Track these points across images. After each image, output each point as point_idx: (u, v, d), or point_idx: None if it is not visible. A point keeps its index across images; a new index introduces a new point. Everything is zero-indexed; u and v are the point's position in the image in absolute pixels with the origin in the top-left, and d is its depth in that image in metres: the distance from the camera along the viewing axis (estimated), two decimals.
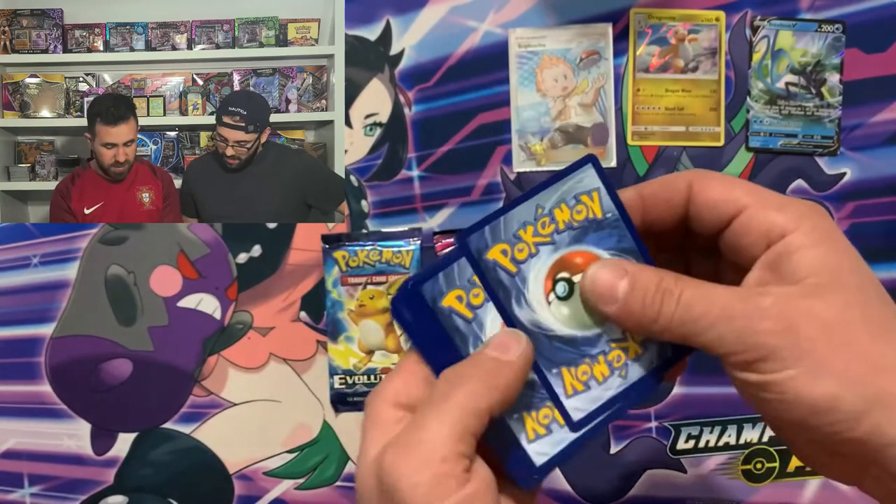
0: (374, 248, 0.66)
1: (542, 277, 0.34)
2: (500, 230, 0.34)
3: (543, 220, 0.34)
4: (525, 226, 0.34)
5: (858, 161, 0.69)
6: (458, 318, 0.33)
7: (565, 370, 0.34)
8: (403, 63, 0.68)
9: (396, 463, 0.29)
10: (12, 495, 0.69)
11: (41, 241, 0.68)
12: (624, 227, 0.36)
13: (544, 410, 0.34)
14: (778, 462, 0.69)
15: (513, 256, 0.34)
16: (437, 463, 0.28)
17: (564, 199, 0.35)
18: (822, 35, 0.68)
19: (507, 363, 0.31)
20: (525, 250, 0.34)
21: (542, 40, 0.68)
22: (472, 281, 0.33)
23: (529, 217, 0.34)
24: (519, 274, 0.34)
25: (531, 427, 0.34)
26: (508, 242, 0.34)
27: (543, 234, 0.35)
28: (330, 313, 0.67)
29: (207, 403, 0.69)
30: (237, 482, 0.69)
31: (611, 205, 0.36)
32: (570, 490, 0.69)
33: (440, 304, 0.32)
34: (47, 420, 0.68)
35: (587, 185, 0.35)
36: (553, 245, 0.35)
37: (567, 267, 0.35)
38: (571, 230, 0.35)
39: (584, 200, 0.35)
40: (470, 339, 0.33)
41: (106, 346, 0.68)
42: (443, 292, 0.32)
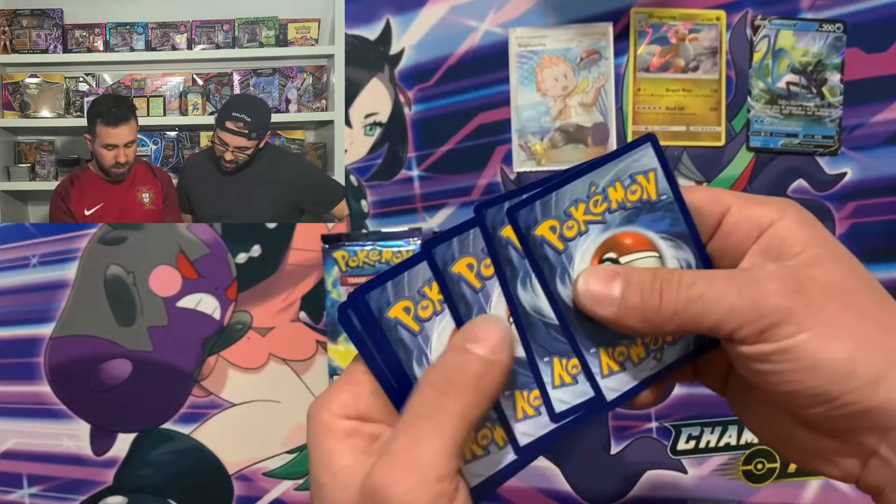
0: (373, 248, 0.66)
1: (590, 257, 0.33)
2: (552, 206, 0.33)
3: (596, 198, 0.33)
4: (577, 203, 0.33)
5: (859, 161, 0.69)
6: (404, 331, 0.31)
7: (602, 351, 0.34)
8: (403, 63, 0.68)
9: (389, 480, 0.28)
10: (11, 496, 0.69)
11: (40, 241, 0.68)
12: (678, 210, 0.34)
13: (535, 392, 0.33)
14: (779, 462, 0.69)
15: (561, 233, 0.33)
16: (434, 482, 0.28)
17: (619, 178, 0.34)
18: (823, 35, 0.68)
19: (496, 363, 0.30)
20: (574, 228, 0.33)
21: (542, 40, 0.68)
22: (421, 292, 0.31)
23: (582, 194, 0.33)
24: (566, 251, 0.33)
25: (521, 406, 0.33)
26: (558, 219, 0.33)
27: (595, 213, 0.34)
28: (330, 313, 0.66)
29: (207, 404, 0.68)
30: (237, 483, 0.69)
31: (666, 187, 0.34)
32: (570, 490, 0.69)
33: (386, 314, 0.31)
34: (46, 420, 0.68)
35: (644, 164, 0.34)
36: (604, 224, 0.34)
37: (616, 247, 0.34)
38: (624, 210, 0.34)
39: (640, 180, 0.34)
40: (414, 353, 0.31)
41: (105, 347, 0.68)
42: (390, 302, 0.31)
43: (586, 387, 0.34)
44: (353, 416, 0.31)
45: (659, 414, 0.69)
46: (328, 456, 0.30)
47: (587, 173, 0.33)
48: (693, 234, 0.35)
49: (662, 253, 0.34)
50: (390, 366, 0.31)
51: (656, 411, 0.69)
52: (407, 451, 0.28)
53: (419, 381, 0.30)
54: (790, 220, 0.33)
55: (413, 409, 0.29)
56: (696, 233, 0.35)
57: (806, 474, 0.69)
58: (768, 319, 0.30)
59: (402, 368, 0.31)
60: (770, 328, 0.30)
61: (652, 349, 0.34)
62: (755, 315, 0.30)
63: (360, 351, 0.31)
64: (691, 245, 0.35)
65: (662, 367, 0.35)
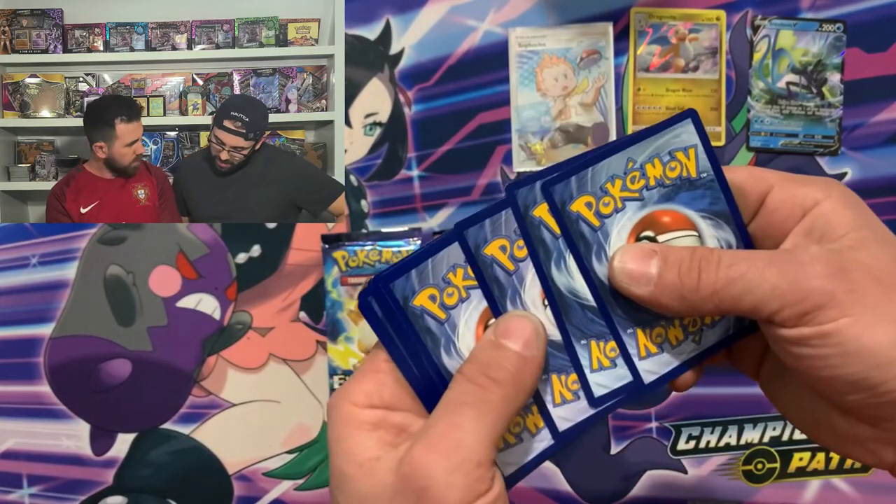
0: (373, 248, 0.66)
1: (626, 234, 0.32)
2: (588, 181, 0.32)
3: (634, 174, 0.33)
4: (613, 179, 0.32)
5: (859, 161, 0.69)
6: (431, 319, 0.31)
7: (639, 331, 0.33)
8: (403, 63, 0.68)
9: (430, 460, 0.28)
10: (11, 496, 0.69)
11: (40, 241, 0.68)
12: (719, 189, 0.33)
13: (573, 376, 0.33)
14: (779, 462, 0.69)
15: (597, 210, 0.32)
16: (473, 466, 0.28)
17: (658, 154, 0.33)
18: (823, 35, 0.68)
19: (531, 359, 0.30)
20: (611, 204, 0.32)
21: (542, 40, 0.68)
22: (446, 279, 0.31)
23: (619, 170, 0.32)
24: (602, 228, 0.32)
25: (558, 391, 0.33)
26: (594, 195, 0.32)
27: (632, 189, 0.33)
28: (329, 313, 0.66)
29: (207, 404, 0.68)
30: (236, 483, 0.69)
31: (707, 164, 0.33)
32: (570, 490, 0.69)
33: (412, 303, 0.30)
34: (46, 420, 0.68)
35: (684, 141, 0.33)
36: (641, 201, 0.33)
37: (653, 226, 0.33)
38: (662, 187, 0.33)
39: (679, 157, 0.33)
40: (441, 342, 0.31)
41: (105, 347, 0.68)
42: (415, 291, 0.30)
43: (625, 370, 0.33)
44: (379, 405, 0.31)
45: (659, 414, 0.69)
46: (354, 447, 0.30)
47: (625, 148, 0.32)
48: (734, 214, 0.34)
49: (702, 232, 0.33)
50: (416, 355, 0.31)
51: (656, 411, 0.69)
52: (447, 434, 0.29)
53: (457, 373, 0.30)
54: (835, 201, 0.32)
55: (453, 397, 0.30)
56: (738, 212, 0.34)
57: (806, 474, 0.69)
58: (810, 302, 0.29)
59: (430, 357, 0.31)
60: (811, 311, 0.29)
61: (690, 331, 0.34)
62: (797, 297, 0.29)
63: (382, 340, 0.31)
64: (732, 225, 0.34)
65: (702, 350, 0.34)
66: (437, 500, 0.28)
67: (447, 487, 0.28)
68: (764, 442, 0.69)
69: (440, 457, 0.28)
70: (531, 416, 0.32)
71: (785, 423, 0.69)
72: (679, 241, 0.33)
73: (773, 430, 0.69)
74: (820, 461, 0.69)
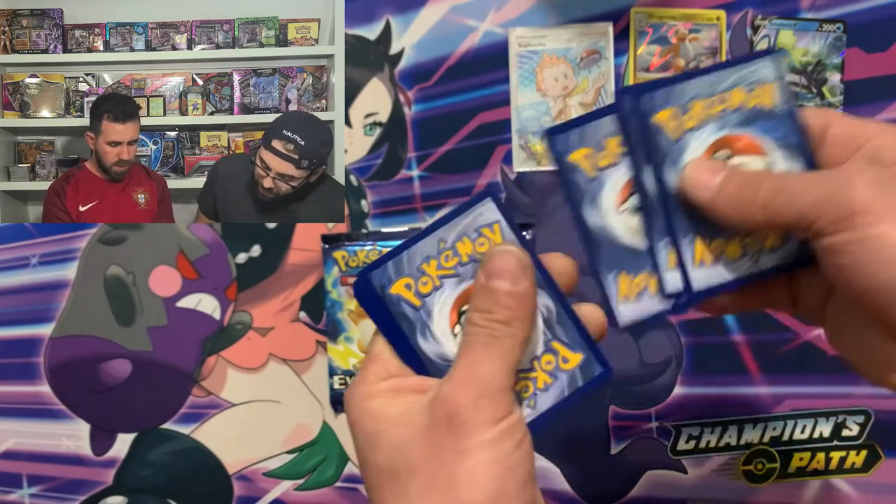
0: (373, 248, 0.66)
1: (703, 149, 0.36)
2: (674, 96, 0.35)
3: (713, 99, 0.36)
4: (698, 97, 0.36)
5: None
6: (406, 306, 0.34)
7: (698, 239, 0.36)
8: (403, 62, 0.68)
9: (456, 393, 0.31)
10: (11, 496, 0.69)
11: (40, 241, 0.68)
12: (793, 122, 0.36)
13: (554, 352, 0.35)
14: (779, 463, 0.69)
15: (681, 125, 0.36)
16: (495, 392, 0.31)
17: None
18: (823, 35, 0.68)
19: (522, 291, 0.33)
20: (693, 120, 0.36)
21: (542, 39, 0.68)
22: (420, 269, 0.34)
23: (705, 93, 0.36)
24: (681, 140, 0.36)
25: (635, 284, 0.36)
26: (681, 109, 0.36)
27: (710, 113, 0.36)
28: (330, 313, 0.66)
29: (207, 404, 0.68)
30: (237, 483, 0.69)
31: (786, 97, 0.36)
32: (570, 490, 0.69)
33: (388, 291, 0.34)
34: (46, 420, 0.68)
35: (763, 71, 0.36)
36: (720, 122, 0.36)
37: (730, 146, 0.36)
38: (741, 112, 0.36)
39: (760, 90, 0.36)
40: (417, 326, 0.34)
41: (105, 347, 0.68)
42: (391, 280, 0.34)
43: (652, 302, 0.36)
44: (390, 377, 0.34)
45: (659, 414, 0.69)
46: (381, 410, 0.33)
47: (717, 71, 0.36)
48: (804, 148, 0.36)
49: (774, 159, 0.36)
50: (395, 338, 0.34)
51: (656, 411, 0.69)
52: (469, 369, 0.32)
53: (465, 320, 0.33)
54: (891, 137, 0.34)
55: (467, 341, 0.33)
56: (808, 147, 0.36)
57: (806, 474, 0.69)
58: (847, 208, 0.31)
59: (406, 341, 0.34)
60: (848, 217, 0.31)
61: (749, 250, 0.36)
62: (836, 203, 0.31)
63: (376, 325, 0.34)
64: (802, 158, 0.36)
65: (756, 271, 0.36)
66: (466, 422, 0.31)
67: (475, 410, 0.31)
68: (764, 442, 0.69)
69: (465, 389, 0.31)
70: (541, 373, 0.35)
71: (785, 424, 0.69)
72: (750, 165, 0.36)
73: (773, 430, 0.69)
74: (820, 461, 0.69)
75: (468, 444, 0.30)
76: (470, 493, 0.30)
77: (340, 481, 0.68)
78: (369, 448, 0.33)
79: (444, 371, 0.34)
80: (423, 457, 0.31)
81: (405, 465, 0.31)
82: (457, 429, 0.31)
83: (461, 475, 0.30)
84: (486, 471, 0.30)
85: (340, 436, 0.69)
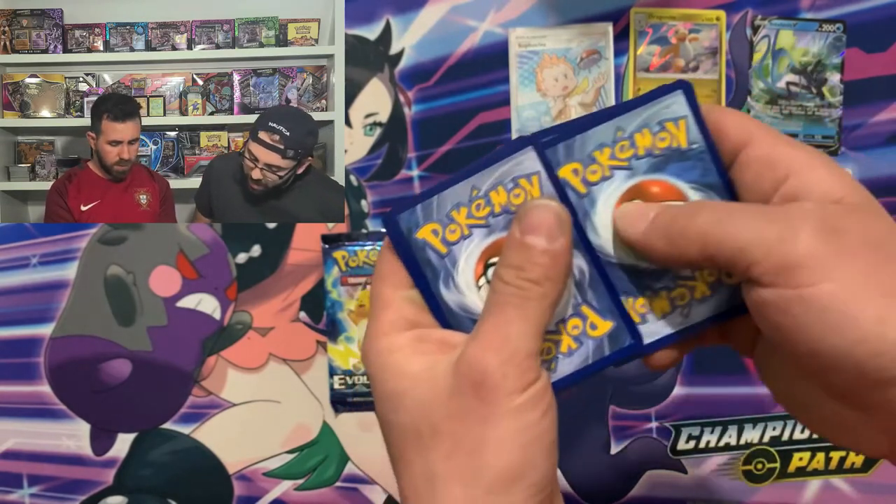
0: (373, 248, 0.66)
1: (614, 202, 0.33)
2: (575, 149, 0.33)
3: (623, 143, 0.33)
4: (602, 147, 0.33)
5: (859, 161, 0.69)
6: (431, 252, 0.33)
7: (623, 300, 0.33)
8: (403, 63, 0.68)
9: (483, 357, 0.30)
10: (11, 496, 0.69)
11: (40, 241, 0.68)
12: (710, 160, 0.33)
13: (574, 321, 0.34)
14: (778, 462, 0.69)
15: (584, 177, 0.33)
16: (524, 357, 0.30)
17: (647, 125, 0.33)
18: (823, 35, 0.68)
19: (558, 250, 0.31)
20: (598, 172, 0.33)
21: (542, 40, 0.68)
22: (449, 216, 0.32)
23: (608, 139, 0.32)
24: (588, 196, 0.33)
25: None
26: (582, 162, 0.33)
27: (621, 158, 0.33)
28: (330, 313, 0.66)
29: (207, 404, 0.68)
30: (237, 483, 0.69)
31: (698, 135, 0.33)
32: (570, 490, 0.69)
33: (415, 235, 0.32)
34: (46, 420, 0.68)
35: (674, 111, 0.33)
36: (629, 171, 0.33)
37: (642, 195, 0.33)
38: (652, 157, 0.33)
39: (669, 128, 0.33)
40: (441, 274, 0.33)
41: (105, 347, 0.68)
42: (419, 224, 0.32)
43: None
44: (409, 327, 0.32)
45: (659, 414, 0.69)
46: (404, 365, 0.32)
47: (613, 118, 0.33)
48: (726, 185, 0.33)
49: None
50: (419, 283, 0.33)
51: (656, 411, 0.69)
52: (497, 330, 0.30)
53: (494, 276, 0.32)
54: (818, 173, 0.30)
55: (496, 300, 0.31)
56: (729, 183, 0.33)
57: (806, 474, 0.69)
58: (793, 257, 0.27)
59: (428, 287, 0.32)
60: (793, 269, 0.27)
61: (679, 304, 0.34)
62: (780, 250, 0.27)
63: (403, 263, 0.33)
64: (726, 196, 0.33)
65: (689, 325, 0.34)
66: (493, 389, 0.30)
67: (502, 378, 0.30)
68: (764, 442, 0.69)
69: (493, 352, 0.30)
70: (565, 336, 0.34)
71: (785, 423, 0.69)
72: None
73: (773, 430, 0.69)
74: (820, 461, 0.69)
75: (495, 411, 0.30)
76: (494, 461, 0.30)
77: (340, 481, 0.68)
78: (391, 408, 0.32)
79: (463, 323, 0.33)
80: (448, 420, 0.30)
81: (428, 427, 0.31)
82: (484, 395, 0.30)
83: (487, 442, 0.30)
84: (511, 439, 0.30)
85: (340, 436, 0.69)
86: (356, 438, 0.68)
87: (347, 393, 0.67)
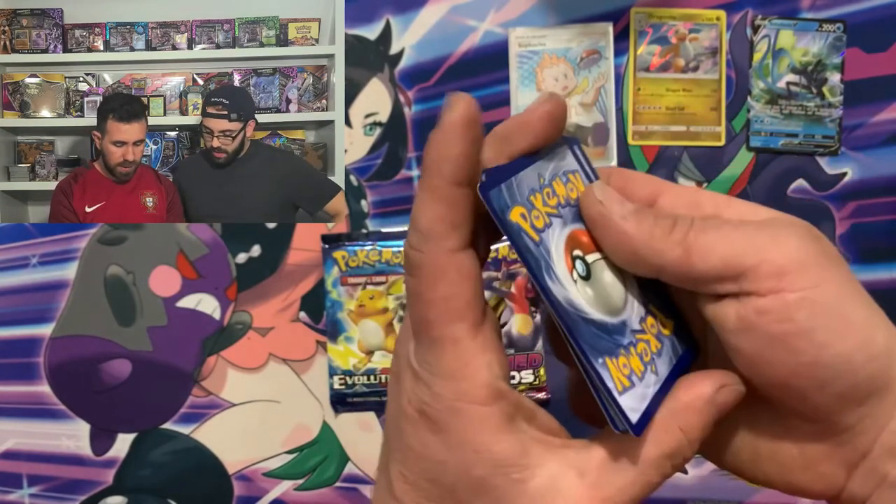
0: (373, 248, 0.66)
1: (562, 251, 0.29)
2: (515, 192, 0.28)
3: (547, 189, 0.29)
4: (534, 193, 0.28)
5: (859, 161, 0.69)
6: (528, 239, 0.27)
7: (608, 361, 0.28)
8: (403, 62, 0.68)
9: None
10: (11, 496, 0.69)
11: (40, 241, 0.68)
12: None
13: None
14: None
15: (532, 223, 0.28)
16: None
17: (557, 174, 0.30)
18: (823, 35, 0.68)
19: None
20: (540, 219, 0.28)
21: (542, 40, 0.68)
22: (529, 201, 0.28)
23: (535, 184, 0.29)
24: (542, 244, 0.28)
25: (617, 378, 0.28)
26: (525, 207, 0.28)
27: (551, 206, 0.29)
28: (329, 313, 0.66)
29: (207, 404, 0.68)
30: (237, 483, 0.69)
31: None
32: None
33: (508, 217, 0.27)
34: (46, 420, 0.68)
35: (570, 165, 0.31)
36: (561, 219, 0.29)
37: (579, 245, 0.29)
38: (571, 207, 0.30)
39: (572, 179, 0.31)
40: (542, 264, 0.27)
41: (105, 347, 0.68)
42: (508, 205, 0.27)
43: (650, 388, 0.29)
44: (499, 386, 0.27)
45: None
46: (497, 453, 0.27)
47: (533, 163, 0.29)
48: None
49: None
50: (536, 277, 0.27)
51: None
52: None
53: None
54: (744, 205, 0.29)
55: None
56: None
57: None
58: (791, 259, 0.26)
59: (534, 277, 0.27)
60: (793, 271, 0.26)
61: (645, 360, 0.29)
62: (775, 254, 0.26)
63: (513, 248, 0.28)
64: None
65: (662, 382, 0.29)
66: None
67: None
68: None
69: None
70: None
71: None
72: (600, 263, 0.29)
73: None
74: None
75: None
76: None
77: (340, 481, 0.68)
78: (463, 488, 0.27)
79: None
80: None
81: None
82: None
83: None
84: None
85: (340, 436, 0.69)
86: (356, 438, 0.68)
87: (347, 393, 0.67)
